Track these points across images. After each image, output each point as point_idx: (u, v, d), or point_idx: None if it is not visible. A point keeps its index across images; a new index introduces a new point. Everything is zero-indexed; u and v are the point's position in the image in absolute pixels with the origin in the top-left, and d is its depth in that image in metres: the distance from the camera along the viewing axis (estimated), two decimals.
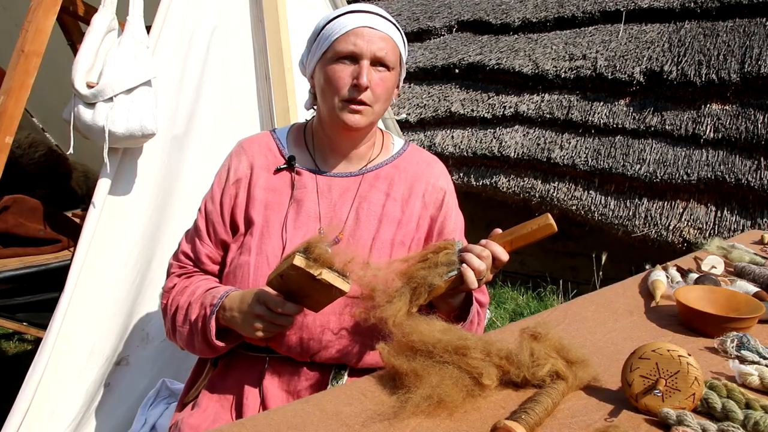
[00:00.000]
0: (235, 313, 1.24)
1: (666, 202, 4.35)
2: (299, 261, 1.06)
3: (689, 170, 4.25)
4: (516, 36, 6.10)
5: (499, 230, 1.23)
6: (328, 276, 1.08)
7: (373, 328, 1.26)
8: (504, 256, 1.19)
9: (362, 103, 1.28)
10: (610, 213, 4.53)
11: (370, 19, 1.29)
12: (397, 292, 1.15)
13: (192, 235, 1.42)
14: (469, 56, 5.96)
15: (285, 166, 1.39)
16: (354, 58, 1.27)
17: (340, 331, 1.29)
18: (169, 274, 1.45)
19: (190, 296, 1.33)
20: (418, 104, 5.95)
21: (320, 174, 1.40)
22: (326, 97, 1.32)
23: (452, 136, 5.54)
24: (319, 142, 1.43)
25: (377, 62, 1.29)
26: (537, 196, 4.90)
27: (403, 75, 1.43)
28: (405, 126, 5.77)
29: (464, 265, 1.16)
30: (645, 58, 4.89)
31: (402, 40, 1.36)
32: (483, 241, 1.20)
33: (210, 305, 1.27)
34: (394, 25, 1.34)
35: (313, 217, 1.36)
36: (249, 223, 1.36)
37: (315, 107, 1.43)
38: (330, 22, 1.32)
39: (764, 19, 4.80)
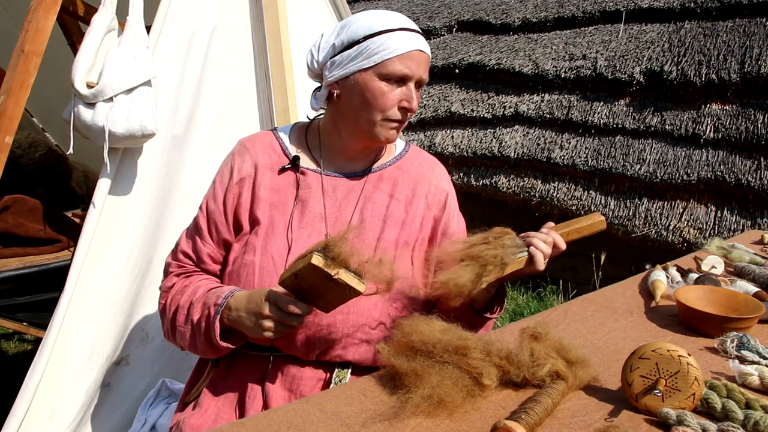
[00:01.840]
0: (242, 313, 1.22)
1: (666, 202, 4.35)
2: (317, 260, 1.05)
3: (689, 170, 4.25)
4: (516, 36, 6.10)
5: (552, 223, 1.30)
6: (345, 276, 1.07)
7: (379, 327, 1.27)
8: (563, 244, 1.27)
9: (403, 122, 1.34)
10: (610, 213, 4.53)
11: (420, 42, 1.31)
12: (462, 265, 1.18)
13: (192, 234, 1.41)
14: (469, 56, 5.96)
15: (290, 165, 1.39)
16: (401, 80, 1.30)
17: (345, 330, 1.29)
18: (167, 273, 1.43)
19: (191, 296, 1.32)
20: (418, 104, 5.95)
21: (324, 174, 1.40)
22: (366, 110, 1.31)
23: (452, 136, 5.54)
24: (328, 143, 1.42)
25: (419, 84, 1.34)
26: (537, 196, 4.90)
27: None
28: (405, 126, 5.77)
29: (532, 247, 1.22)
30: (645, 58, 4.89)
31: None
32: (545, 229, 1.27)
33: (214, 305, 1.26)
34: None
35: (318, 217, 1.36)
36: (254, 222, 1.35)
37: (323, 108, 1.43)
38: (378, 34, 1.28)
39: (764, 19, 4.80)
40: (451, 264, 1.21)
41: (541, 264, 1.22)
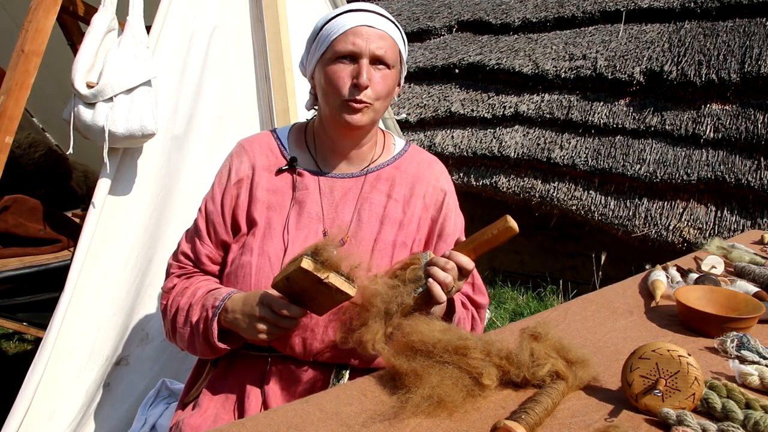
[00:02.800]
0: (237, 315, 1.23)
1: (666, 202, 4.35)
2: (307, 264, 1.06)
3: (689, 170, 4.25)
4: (516, 36, 6.10)
5: (462, 237, 1.24)
6: (335, 280, 1.08)
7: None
8: (469, 264, 1.18)
9: (363, 101, 1.28)
10: (610, 213, 4.53)
11: (368, 18, 1.29)
12: (370, 314, 1.14)
13: (192, 235, 1.42)
14: (469, 56, 5.96)
15: (287, 167, 1.39)
16: (353, 58, 1.27)
17: (339, 341, 1.28)
18: (168, 274, 1.44)
19: (190, 297, 1.33)
20: (418, 104, 5.95)
21: (322, 175, 1.40)
22: (327, 97, 1.32)
23: (452, 136, 5.55)
24: (320, 143, 1.43)
25: (377, 60, 1.28)
26: (537, 196, 4.90)
27: (404, 73, 1.42)
28: (405, 126, 5.77)
29: (430, 279, 1.15)
30: (645, 58, 4.89)
31: (401, 38, 1.36)
32: (447, 252, 1.19)
33: (212, 307, 1.27)
34: (393, 23, 1.34)
35: (315, 219, 1.36)
36: (251, 223, 1.36)
37: (316, 108, 1.43)
38: (328, 22, 1.32)
39: (764, 19, 4.80)
40: (362, 313, 1.15)
41: (441, 297, 1.14)
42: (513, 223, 1.16)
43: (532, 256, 5.43)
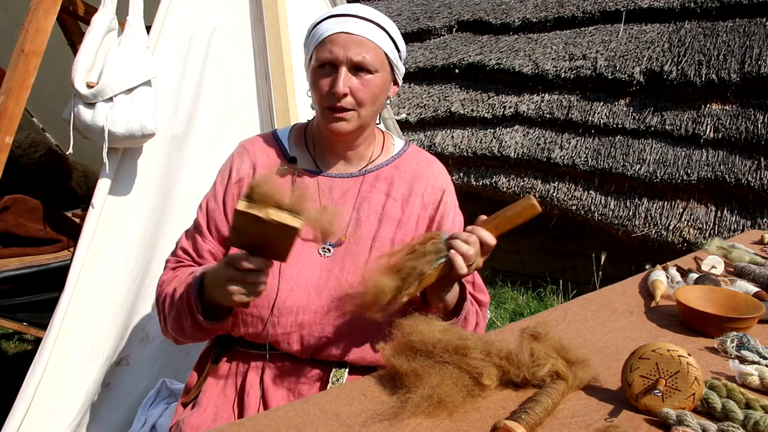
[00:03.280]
0: (212, 287, 1.21)
1: (666, 202, 4.35)
2: (242, 205, 1.00)
3: (689, 170, 4.25)
4: (516, 36, 6.10)
5: (484, 216, 1.22)
6: (275, 215, 1.00)
7: (373, 327, 1.27)
8: (491, 240, 1.18)
9: (344, 109, 1.28)
10: (610, 213, 4.53)
11: (347, 24, 1.28)
12: (385, 281, 1.13)
13: (192, 233, 1.42)
14: (469, 56, 5.96)
15: (286, 167, 1.40)
16: (333, 65, 1.28)
17: (340, 329, 1.29)
18: (164, 269, 1.45)
19: (176, 283, 1.32)
20: (418, 104, 5.95)
21: (321, 175, 1.41)
22: (316, 102, 1.34)
23: (452, 136, 5.55)
24: (319, 143, 1.44)
25: (357, 67, 1.28)
26: (537, 196, 4.90)
27: (400, 72, 1.41)
28: (405, 126, 5.77)
29: (452, 251, 1.14)
30: (645, 58, 4.89)
31: (390, 39, 1.33)
32: (469, 227, 1.19)
33: (192, 285, 1.25)
34: (378, 24, 1.31)
35: None
36: None
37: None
38: (314, 27, 1.33)
39: (764, 19, 4.80)
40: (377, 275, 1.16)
41: (462, 268, 1.14)
42: (536, 202, 1.17)
43: (532, 256, 5.43)
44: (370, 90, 1.30)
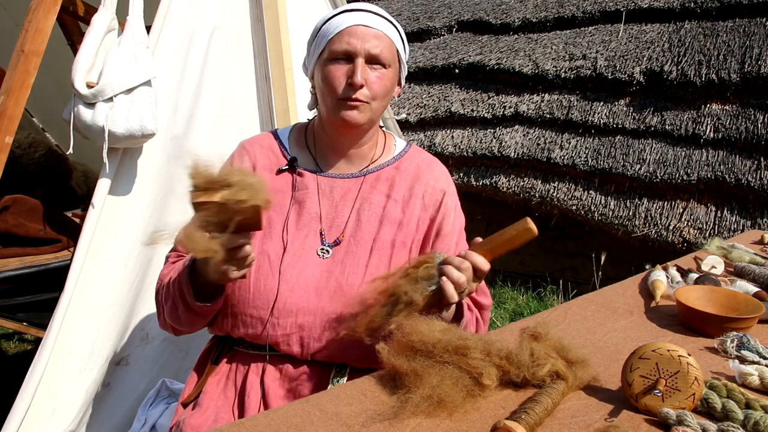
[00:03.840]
0: (205, 267, 1.18)
1: (666, 202, 4.35)
2: (192, 197, 1.00)
3: (689, 170, 4.25)
4: (516, 36, 6.10)
5: (479, 239, 1.21)
6: (228, 196, 1.00)
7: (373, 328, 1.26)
8: (485, 265, 1.16)
9: (358, 100, 1.28)
10: (610, 213, 4.53)
11: (364, 18, 1.30)
12: (376, 306, 1.13)
13: None
14: (469, 56, 5.96)
15: (287, 167, 1.40)
16: (349, 57, 1.28)
17: (340, 331, 1.29)
18: (165, 264, 1.45)
19: (173, 274, 1.33)
20: (418, 104, 5.95)
21: (322, 175, 1.40)
22: (325, 97, 1.33)
23: (452, 136, 5.55)
24: (320, 143, 1.43)
25: (373, 60, 1.29)
26: (537, 196, 4.90)
27: (404, 73, 1.42)
28: (405, 126, 5.77)
29: (443, 278, 1.13)
30: (645, 58, 4.89)
31: (400, 38, 1.36)
32: (463, 252, 1.17)
33: (184, 270, 1.25)
34: (391, 22, 1.34)
35: (315, 218, 1.36)
36: None
37: (317, 108, 1.44)
38: (326, 22, 1.33)
39: (764, 19, 4.80)
40: (372, 301, 1.16)
41: (453, 297, 1.12)
42: (532, 225, 1.14)
43: (532, 256, 5.43)
44: (384, 83, 1.31)
